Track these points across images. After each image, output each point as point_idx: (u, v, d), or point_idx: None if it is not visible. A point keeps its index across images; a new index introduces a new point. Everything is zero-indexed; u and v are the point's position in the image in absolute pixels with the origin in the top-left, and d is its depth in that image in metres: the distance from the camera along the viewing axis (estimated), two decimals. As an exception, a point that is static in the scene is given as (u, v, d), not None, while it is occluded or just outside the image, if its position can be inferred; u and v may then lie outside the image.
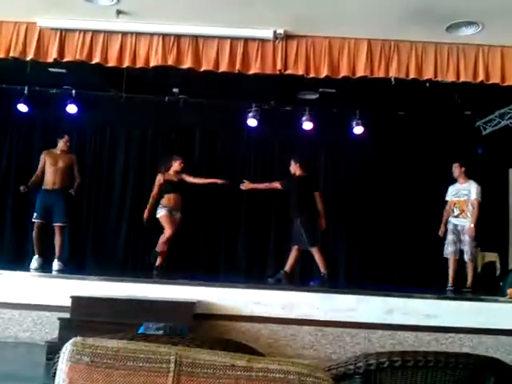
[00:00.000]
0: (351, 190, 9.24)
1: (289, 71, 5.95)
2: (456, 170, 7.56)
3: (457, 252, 7.32)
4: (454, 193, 7.57)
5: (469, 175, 7.56)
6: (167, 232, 7.41)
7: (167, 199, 7.54)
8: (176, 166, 7.74)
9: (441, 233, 7.60)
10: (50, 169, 7.19)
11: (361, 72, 5.89)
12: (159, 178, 7.69)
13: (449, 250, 7.38)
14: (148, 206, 7.67)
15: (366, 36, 5.89)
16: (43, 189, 7.17)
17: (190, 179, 7.79)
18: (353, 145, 9.24)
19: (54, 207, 7.08)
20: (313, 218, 7.35)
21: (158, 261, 7.47)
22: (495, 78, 5.85)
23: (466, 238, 7.24)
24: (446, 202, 7.63)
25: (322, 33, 5.90)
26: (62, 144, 7.37)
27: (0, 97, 8.61)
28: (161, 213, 7.48)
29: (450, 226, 7.49)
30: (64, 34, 5.88)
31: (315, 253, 7.21)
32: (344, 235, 9.06)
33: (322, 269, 7.16)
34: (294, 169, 7.60)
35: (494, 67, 5.85)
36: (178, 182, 7.68)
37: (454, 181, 7.69)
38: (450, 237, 7.43)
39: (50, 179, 7.15)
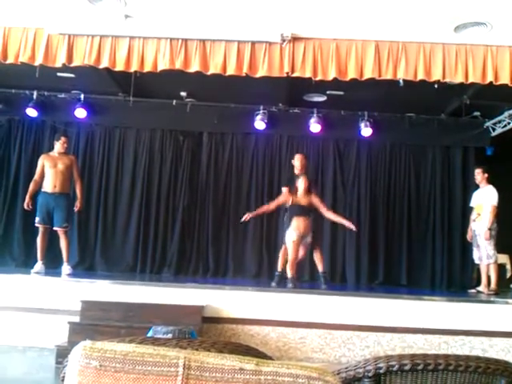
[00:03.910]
0: (360, 192, 9.21)
1: (296, 74, 5.94)
2: (478, 175, 7.51)
3: (481, 256, 7.28)
4: (474, 198, 7.59)
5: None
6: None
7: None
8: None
9: (468, 237, 7.66)
10: (49, 171, 7.00)
11: (369, 74, 5.87)
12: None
13: (476, 255, 7.41)
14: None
15: (374, 38, 5.87)
16: (43, 192, 7.00)
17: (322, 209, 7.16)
18: (361, 146, 9.23)
19: (55, 211, 6.93)
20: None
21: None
22: (504, 79, 5.81)
23: (482, 242, 7.18)
24: (472, 208, 7.64)
25: (329, 35, 5.89)
26: (59, 146, 7.17)
27: (9, 102, 8.70)
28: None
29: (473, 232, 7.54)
30: (72, 38, 5.92)
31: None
32: (353, 237, 9.02)
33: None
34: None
35: (503, 68, 5.81)
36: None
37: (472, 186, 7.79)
38: (474, 242, 7.46)
39: (50, 182, 6.97)
